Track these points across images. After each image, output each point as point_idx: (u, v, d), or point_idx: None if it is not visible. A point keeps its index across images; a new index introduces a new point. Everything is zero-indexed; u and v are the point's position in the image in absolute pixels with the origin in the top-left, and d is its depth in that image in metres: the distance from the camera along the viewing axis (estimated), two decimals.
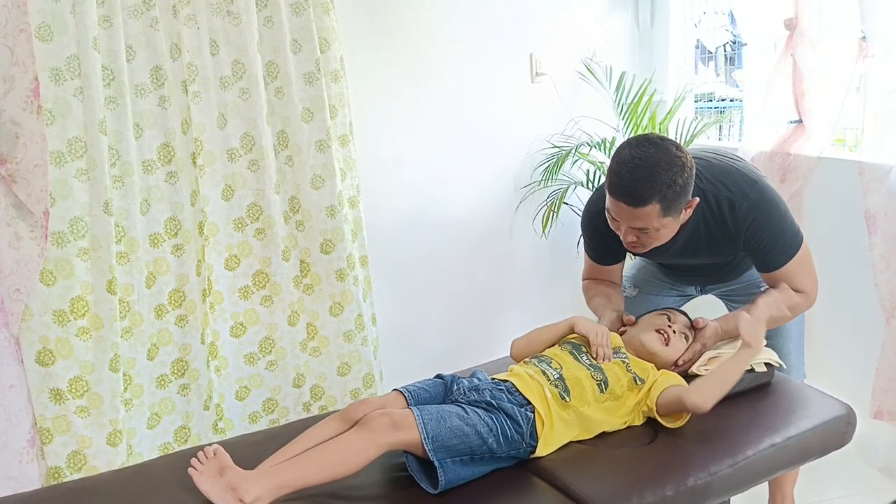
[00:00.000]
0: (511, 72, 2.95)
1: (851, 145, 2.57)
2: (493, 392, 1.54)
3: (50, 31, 1.93)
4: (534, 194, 3.05)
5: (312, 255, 2.46)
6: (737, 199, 1.67)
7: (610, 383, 1.59)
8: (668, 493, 1.43)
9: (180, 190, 2.22)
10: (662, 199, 1.54)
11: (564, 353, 1.67)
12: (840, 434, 1.68)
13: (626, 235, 1.64)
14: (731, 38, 3.14)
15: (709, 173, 1.69)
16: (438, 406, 1.50)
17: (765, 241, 1.69)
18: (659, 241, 1.65)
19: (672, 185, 1.54)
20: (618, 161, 1.59)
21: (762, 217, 1.67)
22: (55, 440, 2.07)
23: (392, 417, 1.41)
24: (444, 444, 1.41)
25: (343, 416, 1.51)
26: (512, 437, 1.48)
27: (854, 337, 2.44)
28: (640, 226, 1.59)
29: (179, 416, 2.34)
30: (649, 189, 1.53)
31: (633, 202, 1.55)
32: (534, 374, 1.59)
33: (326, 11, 2.35)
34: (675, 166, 1.54)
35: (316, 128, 2.37)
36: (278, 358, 2.48)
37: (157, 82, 2.14)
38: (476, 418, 1.46)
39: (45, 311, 2.01)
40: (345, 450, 1.38)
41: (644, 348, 1.70)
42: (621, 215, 1.61)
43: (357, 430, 1.41)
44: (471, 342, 3.05)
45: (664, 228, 1.61)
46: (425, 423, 1.41)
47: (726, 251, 1.78)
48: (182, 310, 2.27)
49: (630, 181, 1.54)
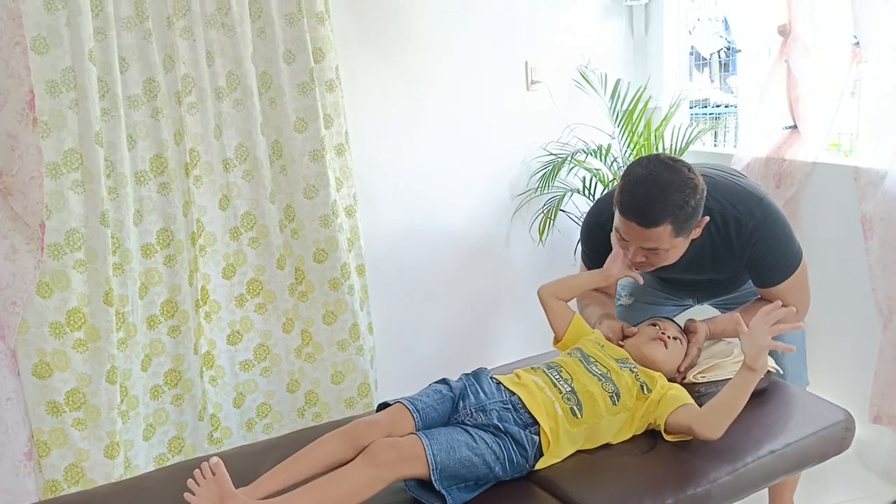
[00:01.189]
0: (506, 80, 2.96)
1: (846, 150, 2.58)
2: (500, 413, 1.51)
3: (45, 44, 1.93)
4: (530, 202, 3.05)
5: (307, 264, 2.47)
6: (743, 218, 1.66)
7: (622, 395, 1.58)
8: (667, 501, 1.42)
9: (172, 201, 2.22)
10: (675, 221, 1.54)
11: (574, 360, 1.65)
12: (839, 440, 1.68)
13: (634, 256, 1.64)
14: (725, 45, 3.15)
15: (714, 191, 1.68)
16: (447, 432, 1.46)
17: (768, 259, 1.69)
18: (667, 261, 1.64)
19: (685, 207, 1.53)
20: (629, 181, 1.58)
21: (767, 235, 1.67)
22: (52, 453, 2.06)
23: (400, 452, 1.38)
24: (452, 474, 1.40)
25: (348, 436, 1.46)
26: (517, 462, 1.47)
27: (852, 342, 2.44)
28: (651, 246, 1.59)
29: (173, 426, 2.33)
30: (662, 210, 1.53)
31: (646, 223, 1.54)
32: (543, 387, 1.56)
33: (321, 21, 2.35)
34: (687, 188, 1.54)
35: (310, 138, 2.38)
36: (272, 364, 2.49)
37: (150, 94, 2.14)
38: (484, 447, 1.44)
39: (41, 324, 2.00)
40: (350, 483, 1.35)
41: (647, 359, 1.68)
42: (632, 235, 1.60)
43: (363, 462, 1.37)
44: (468, 351, 3.04)
45: (674, 249, 1.61)
46: (435, 454, 1.39)
47: (729, 268, 1.78)
48: (174, 320, 2.27)
49: (643, 201, 1.54)
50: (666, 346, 1.70)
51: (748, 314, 1.62)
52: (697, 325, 1.77)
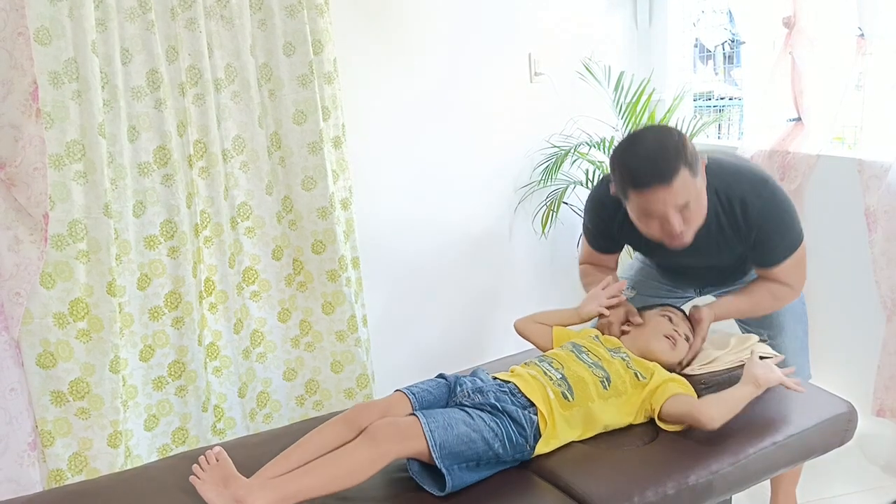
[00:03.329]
0: (509, 72, 2.95)
1: (850, 143, 2.57)
2: (496, 394, 1.53)
3: (48, 35, 1.93)
4: (533, 194, 3.04)
5: (305, 255, 2.48)
6: (749, 198, 1.67)
7: (612, 380, 1.59)
8: (669, 491, 1.42)
9: (176, 192, 2.22)
10: (686, 162, 1.54)
11: (565, 352, 1.67)
12: (841, 432, 1.68)
13: (673, 225, 1.58)
14: (729, 37, 3.14)
15: (720, 171, 1.69)
16: (444, 411, 1.49)
17: (773, 239, 1.69)
18: (701, 215, 1.62)
19: (684, 147, 1.55)
20: (625, 156, 1.59)
21: (773, 215, 1.67)
22: (56, 442, 2.07)
23: (398, 427, 1.40)
24: (452, 451, 1.40)
25: (347, 420, 1.49)
26: (517, 442, 1.48)
27: (855, 335, 2.44)
28: (683, 201, 1.56)
29: (177, 417, 2.34)
30: (671, 159, 1.53)
31: (667, 178, 1.52)
32: (536, 375, 1.59)
33: (321, 13, 2.35)
34: (672, 133, 1.57)
35: (308, 130, 2.38)
36: (267, 350, 2.50)
37: (153, 85, 2.14)
38: (482, 424, 1.45)
39: (45, 314, 2.01)
40: (351, 461, 1.37)
41: (651, 353, 1.68)
42: (660, 202, 1.55)
43: (363, 440, 1.39)
44: (470, 343, 3.04)
45: (700, 195, 1.60)
46: (432, 430, 1.40)
47: (734, 251, 1.77)
48: (178, 312, 2.28)
49: (652, 164, 1.54)
50: (675, 343, 1.70)
51: (747, 294, 1.72)
52: (702, 313, 1.76)
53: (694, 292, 2.10)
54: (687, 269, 1.97)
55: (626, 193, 1.60)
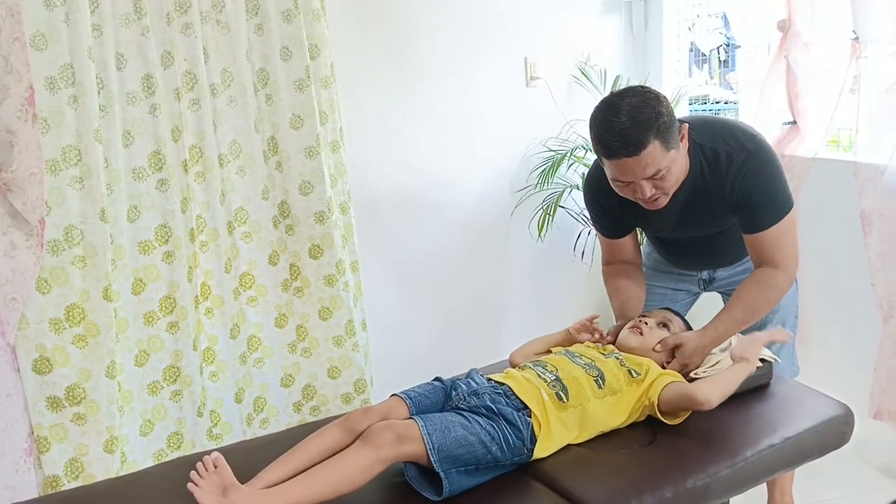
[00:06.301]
0: (505, 76, 2.96)
1: (846, 146, 2.58)
2: (491, 396, 1.54)
3: (44, 40, 1.93)
4: (529, 198, 3.05)
5: (302, 259, 2.47)
6: (734, 151, 1.67)
7: (607, 378, 1.60)
8: (666, 494, 1.42)
9: (171, 197, 2.22)
10: (658, 134, 1.54)
11: (559, 356, 1.69)
12: (838, 434, 1.68)
13: (644, 192, 1.61)
14: (724, 41, 3.15)
15: (707, 127, 1.71)
16: (441, 415, 1.49)
17: (756, 195, 1.67)
18: (675, 181, 1.64)
19: (659, 117, 1.55)
20: (599, 127, 1.59)
21: (757, 168, 1.67)
22: (52, 448, 2.06)
23: (396, 431, 1.40)
24: (450, 454, 1.40)
25: (345, 425, 1.49)
26: (514, 444, 1.48)
27: (852, 337, 2.44)
28: (652, 171, 1.58)
29: (172, 422, 2.33)
30: (642, 130, 1.53)
31: (635, 149, 1.54)
32: (530, 378, 1.59)
33: (317, 18, 2.36)
34: (649, 100, 1.56)
35: (305, 134, 2.38)
36: (265, 356, 2.50)
37: (149, 90, 2.14)
38: (478, 427, 1.45)
39: (41, 320, 2.01)
40: (349, 466, 1.37)
41: (626, 343, 1.74)
42: (629, 171, 1.58)
43: (361, 445, 1.39)
44: (467, 347, 3.04)
45: (673, 165, 1.61)
46: (430, 433, 1.40)
47: (721, 215, 1.77)
48: (173, 316, 2.27)
49: (620, 134, 1.54)
50: (640, 330, 1.74)
51: (735, 298, 1.72)
52: (686, 341, 1.72)
53: (699, 286, 2.08)
54: (685, 246, 1.97)
55: (601, 158, 1.64)
